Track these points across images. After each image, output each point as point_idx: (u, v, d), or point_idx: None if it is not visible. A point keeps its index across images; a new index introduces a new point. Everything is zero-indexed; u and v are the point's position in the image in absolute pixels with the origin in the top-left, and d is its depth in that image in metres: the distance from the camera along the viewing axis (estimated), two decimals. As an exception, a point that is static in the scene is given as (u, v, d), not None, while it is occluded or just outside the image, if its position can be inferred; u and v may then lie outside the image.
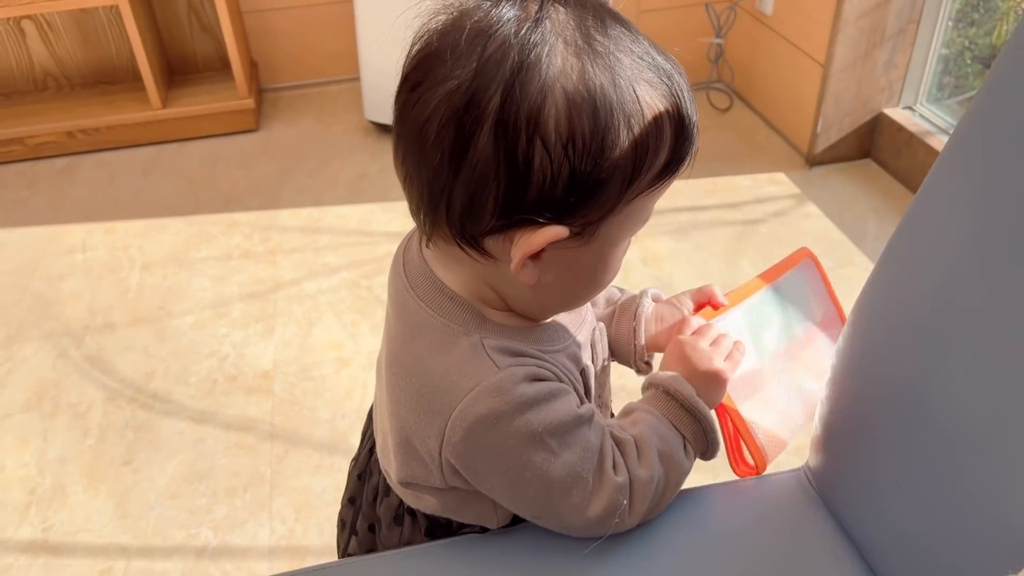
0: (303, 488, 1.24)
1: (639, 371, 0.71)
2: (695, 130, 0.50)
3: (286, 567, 0.96)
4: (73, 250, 1.79)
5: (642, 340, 0.70)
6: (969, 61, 1.84)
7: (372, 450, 0.70)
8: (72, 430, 1.36)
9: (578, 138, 0.45)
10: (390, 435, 0.60)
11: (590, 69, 0.46)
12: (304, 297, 1.63)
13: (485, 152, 0.45)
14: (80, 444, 1.33)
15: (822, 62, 1.85)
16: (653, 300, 0.71)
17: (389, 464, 0.63)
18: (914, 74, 1.88)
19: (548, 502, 0.55)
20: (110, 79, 2.25)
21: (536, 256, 0.49)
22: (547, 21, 0.46)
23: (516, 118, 0.45)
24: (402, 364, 0.57)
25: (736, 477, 0.67)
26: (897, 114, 1.90)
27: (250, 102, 2.16)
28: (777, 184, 1.92)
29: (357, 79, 2.20)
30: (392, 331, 0.59)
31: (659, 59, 0.49)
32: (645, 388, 0.63)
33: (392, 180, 2.07)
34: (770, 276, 0.74)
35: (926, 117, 1.87)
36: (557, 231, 0.48)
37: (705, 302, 0.70)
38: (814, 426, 0.65)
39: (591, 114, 0.45)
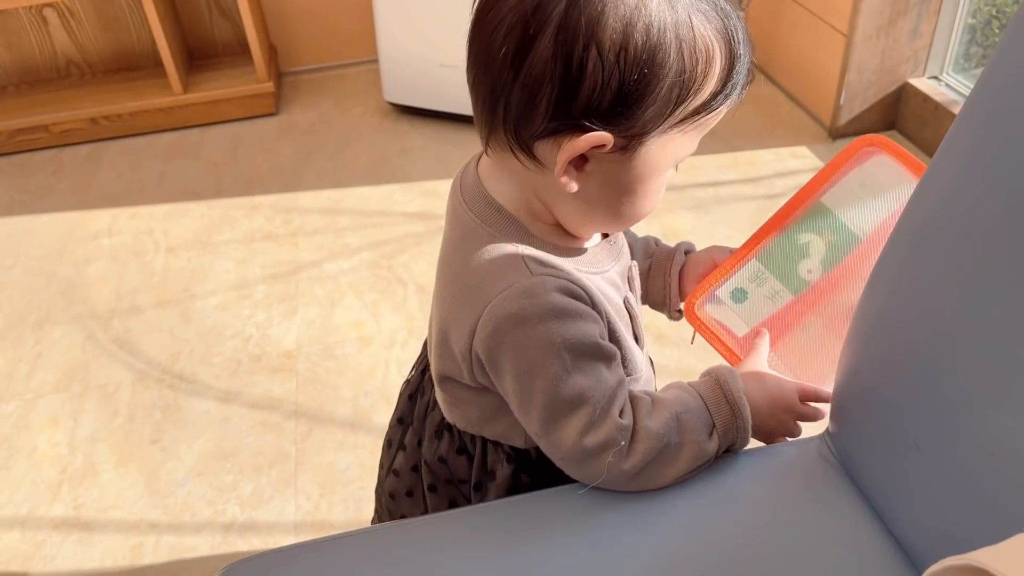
0: (327, 465, 1.26)
1: (671, 318, 0.77)
2: (744, 71, 0.54)
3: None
4: (99, 235, 1.82)
5: (675, 294, 0.75)
6: (996, 30, 1.80)
7: (424, 372, 0.74)
8: (101, 410, 1.38)
9: (631, 49, 0.48)
10: (434, 332, 0.65)
11: None
12: (326, 278, 1.64)
13: (544, 55, 0.49)
14: (109, 424, 1.36)
15: (845, 32, 1.81)
16: (686, 254, 0.76)
17: (432, 362, 0.67)
18: (940, 43, 1.84)
19: (551, 417, 0.57)
20: (132, 65, 2.27)
21: (580, 166, 0.53)
22: None
23: (576, 24, 0.48)
24: (450, 267, 0.62)
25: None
26: (923, 84, 1.86)
27: (270, 86, 2.17)
28: (800, 158, 1.90)
29: (375, 61, 2.20)
30: (445, 239, 0.64)
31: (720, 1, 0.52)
32: (702, 377, 0.64)
33: (412, 161, 2.08)
34: (809, 191, 0.71)
35: (952, 87, 1.83)
36: (600, 136, 0.51)
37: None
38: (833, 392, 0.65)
39: (645, 30, 0.49)
